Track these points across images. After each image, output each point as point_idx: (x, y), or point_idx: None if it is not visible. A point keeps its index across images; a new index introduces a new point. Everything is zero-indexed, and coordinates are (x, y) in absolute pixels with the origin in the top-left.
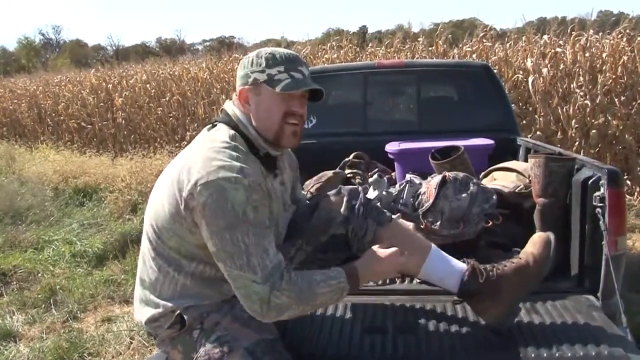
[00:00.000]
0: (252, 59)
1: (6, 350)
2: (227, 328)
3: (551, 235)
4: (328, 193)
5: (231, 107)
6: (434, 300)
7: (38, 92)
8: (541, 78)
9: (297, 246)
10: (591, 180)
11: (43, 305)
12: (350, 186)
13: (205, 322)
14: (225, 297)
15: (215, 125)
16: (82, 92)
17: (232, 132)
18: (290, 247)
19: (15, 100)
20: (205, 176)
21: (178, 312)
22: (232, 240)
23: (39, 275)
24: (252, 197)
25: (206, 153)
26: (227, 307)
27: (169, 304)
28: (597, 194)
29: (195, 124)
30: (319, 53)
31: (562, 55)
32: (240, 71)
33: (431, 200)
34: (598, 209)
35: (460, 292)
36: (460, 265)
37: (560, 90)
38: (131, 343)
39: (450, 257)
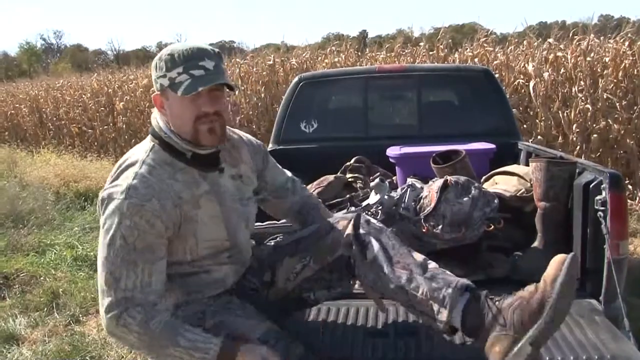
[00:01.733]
0: (156, 64)
1: (9, 353)
2: (233, 323)
3: (570, 257)
4: (342, 215)
5: (154, 114)
6: None
7: (39, 96)
8: (542, 82)
9: (305, 262)
10: (593, 184)
11: (45, 309)
12: (361, 214)
13: (206, 324)
14: (202, 293)
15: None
16: (83, 96)
17: (151, 144)
18: (297, 262)
19: (17, 105)
20: (102, 191)
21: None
22: (100, 255)
23: (41, 278)
24: (125, 222)
25: (114, 168)
26: (221, 305)
27: None
28: (598, 197)
29: None
30: (319, 58)
31: (563, 59)
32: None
33: (433, 204)
34: (600, 213)
35: (455, 327)
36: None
37: (561, 94)
38: None
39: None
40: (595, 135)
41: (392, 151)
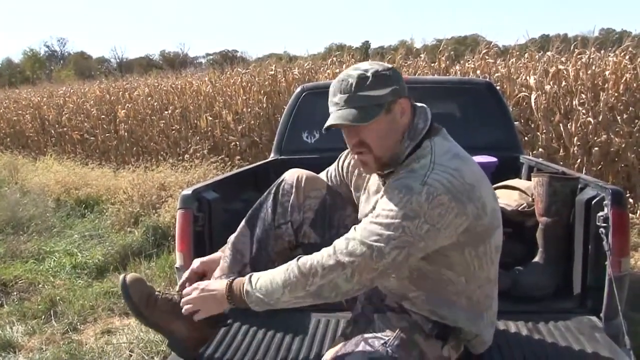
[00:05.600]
0: None
1: None
2: None
3: None
4: None
5: None
6: None
7: (42, 103)
8: (544, 95)
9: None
10: (595, 201)
11: (43, 316)
12: None
13: None
14: None
15: None
16: (86, 104)
17: None
18: None
19: (20, 111)
20: None
21: None
22: None
23: (40, 286)
24: None
25: None
26: None
27: None
28: (600, 214)
29: (197, 137)
30: (321, 68)
31: (565, 72)
32: None
33: None
34: (601, 229)
35: None
36: None
37: (563, 107)
38: (130, 356)
39: None
40: (596, 149)
41: None
